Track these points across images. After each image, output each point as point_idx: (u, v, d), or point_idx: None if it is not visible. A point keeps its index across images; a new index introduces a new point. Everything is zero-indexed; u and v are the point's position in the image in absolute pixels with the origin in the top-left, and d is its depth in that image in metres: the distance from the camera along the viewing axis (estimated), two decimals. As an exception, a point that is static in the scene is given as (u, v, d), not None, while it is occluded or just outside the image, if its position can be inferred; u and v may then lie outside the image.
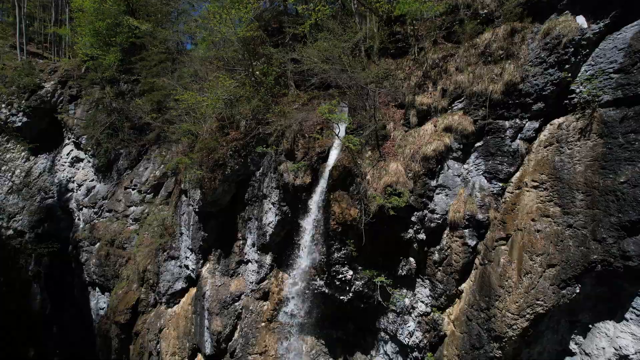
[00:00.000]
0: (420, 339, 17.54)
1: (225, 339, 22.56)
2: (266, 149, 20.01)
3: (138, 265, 29.74)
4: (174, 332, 26.55)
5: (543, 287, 13.41)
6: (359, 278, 18.83)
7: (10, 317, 36.30)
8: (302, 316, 21.05)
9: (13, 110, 36.49)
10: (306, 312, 21.00)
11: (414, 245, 17.17)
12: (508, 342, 14.13)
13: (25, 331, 36.88)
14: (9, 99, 36.23)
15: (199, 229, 24.51)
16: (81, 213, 35.41)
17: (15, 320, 36.37)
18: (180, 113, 24.78)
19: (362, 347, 20.57)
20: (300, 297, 20.65)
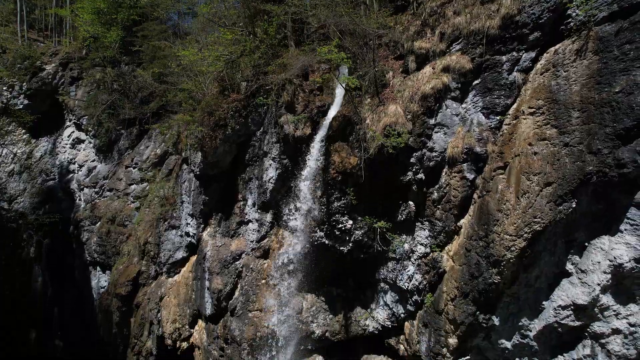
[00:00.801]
0: (420, 281, 17.73)
1: (225, 297, 22.68)
2: (266, 100, 20.16)
3: (139, 239, 29.97)
4: (175, 300, 26.70)
5: (540, 205, 13.63)
6: (359, 227, 19.03)
7: (12, 300, 36.28)
8: (302, 273, 21.04)
9: (14, 92, 36.73)
10: (306, 269, 21.13)
11: (413, 187, 17.39)
12: (506, 266, 14.32)
13: (27, 313, 36.78)
14: (10, 82, 36.30)
15: (199, 193, 24.73)
16: (82, 193, 35.62)
17: (16, 303, 36.25)
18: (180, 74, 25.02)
19: (362, 301, 20.74)
20: (300, 253, 20.83)
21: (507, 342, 15.58)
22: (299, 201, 20.22)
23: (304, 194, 19.96)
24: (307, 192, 19.80)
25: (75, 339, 36.49)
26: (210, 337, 24.04)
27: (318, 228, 19.75)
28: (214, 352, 23.81)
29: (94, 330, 34.47)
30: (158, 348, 27.93)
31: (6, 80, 36.92)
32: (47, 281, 37.87)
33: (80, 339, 36.05)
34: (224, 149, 22.86)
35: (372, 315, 19.97)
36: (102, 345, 33.78)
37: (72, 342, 36.63)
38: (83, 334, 35.82)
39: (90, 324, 34.90)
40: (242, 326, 21.94)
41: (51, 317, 37.88)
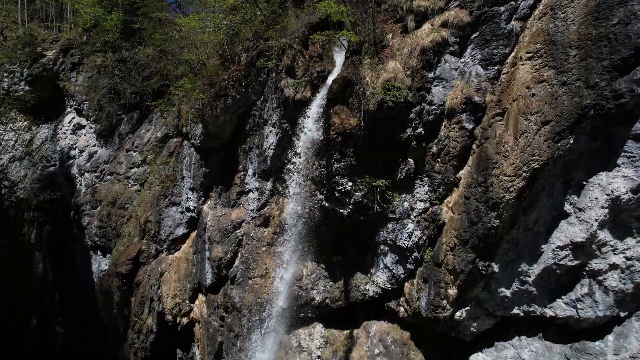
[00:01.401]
0: (419, 237, 17.84)
1: (226, 265, 22.75)
2: (267, 63, 20.31)
3: (139, 218, 30.08)
4: (175, 276, 26.79)
5: (538, 144, 13.76)
6: (359, 189, 19.14)
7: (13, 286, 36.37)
8: (303, 240, 21.16)
9: (15, 79, 36.86)
10: (306, 236, 21.34)
11: (412, 143, 17.53)
12: (505, 208, 14.43)
13: (27, 300, 37.10)
14: (10, 68, 36.48)
15: (200, 166, 24.87)
16: (83, 178, 35.76)
17: (17, 290, 36.35)
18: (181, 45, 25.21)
19: (362, 267, 20.83)
20: (300, 219, 20.90)
21: (506, 290, 15.59)
22: (299, 164, 20.21)
23: (303, 156, 19.95)
24: (307, 155, 19.81)
25: (76, 325, 36.67)
26: (211, 308, 24.06)
27: (318, 191, 19.83)
28: (214, 322, 23.85)
29: (94, 315, 34.51)
30: (158, 325, 27.95)
31: (7, 66, 36.90)
32: (48, 267, 38.02)
33: (81, 325, 36.23)
34: (224, 119, 22.98)
35: (372, 280, 19.96)
36: (102, 330, 33.59)
37: (73, 327, 36.82)
38: (84, 319, 35.97)
39: (91, 309, 34.99)
40: (243, 293, 21.97)
41: (52, 303, 37.89)
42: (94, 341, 35.12)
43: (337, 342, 21.69)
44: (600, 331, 14.35)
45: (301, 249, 21.84)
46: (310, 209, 20.69)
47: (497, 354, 16.52)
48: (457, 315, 16.49)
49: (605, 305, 13.86)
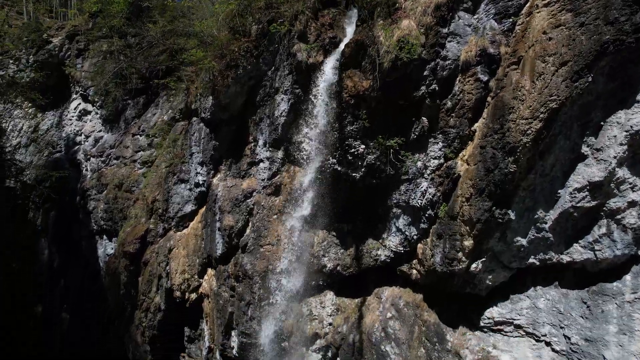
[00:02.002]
0: (434, 194, 17.93)
1: (237, 234, 22.81)
2: (280, 27, 20.49)
3: (147, 199, 30.18)
4: (184, 251, 26.84)
5: (556, 84, 13.87)
6: (371, 152, 19.23)
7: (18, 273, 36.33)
8: (314, 207, 21.29)
9: (21, 65, 36.87)
10: (318, 203, 21.41)
11: (426, 101, 17.64)
12: (522, 152, 14.52)
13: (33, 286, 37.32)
14: (16, 54, 36.53)
15: (210, 139, 25.00)
16: (89, 163, 35.87)
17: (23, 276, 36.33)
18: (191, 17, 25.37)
19: (373, 234, 20.91)
20: (312, 186, 20.97)
21: (522, 239, 15.64)
22: (311, 129, 20.32)
23: (316, 120, 20.05)
24: (320, 119, 19.92)
25: (81, 310, 36.78)
26: (221, 279, 24.15)
27: (330, 155, 19.98)
28: (224, 294, 23.89)
29: (100, 300, 34.48)
30: (166, 302, 27.98)
31: (12, 53, 36.94)
32: (54, 253, 38.17)
33: (86, 310, 36.32)
34: (235, 90, 23.16)
35: (384, 244, 20.03)
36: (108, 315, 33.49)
37: (79, 313, 36.83)
38: (89, 305, 36.15)
39: (97, 293, 34.70)
40: (254, 260, 22.06)
41: (57, 289, 37.96)
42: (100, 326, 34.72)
43: (349, 309, 21.73)
44: (618, 272, 14.40)
45: (312, 216, 21.59)
46: (322, 174, 20.54)
47: (512, 307, 16.53)
48: (473, 267, 16.49)
49: (624, 244, 13.91)
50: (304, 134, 21.03)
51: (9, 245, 35.69)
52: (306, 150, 21.38)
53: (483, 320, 17.56)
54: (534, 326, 16.16)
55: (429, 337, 18.41)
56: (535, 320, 16.04)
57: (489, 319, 17.31)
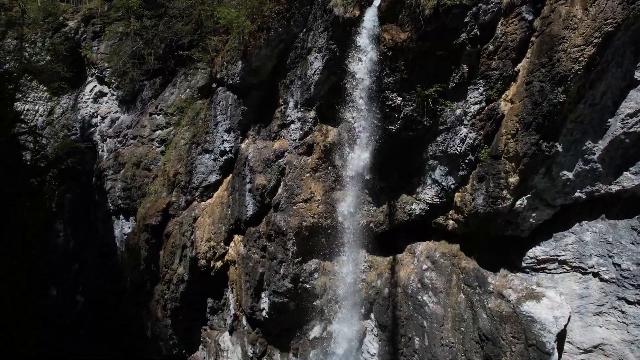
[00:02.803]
0: (474, 138, 18.15)
1: (269, 193, 22.98)
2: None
3: (168, 173, 30.25)
4: (209, 219, 26.93)
5: (611, 7, 14.16)
6: (408, 104, 19.47)
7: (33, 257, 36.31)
8: (347, 166, 21.33)
9: (37, 49, 36.88)
10: (351, 162, 21.66)
11: (467, 47, 17.89)
12: (573, 80, 14.76)
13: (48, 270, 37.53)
14: (32, 38, 36.61)
15: (238, 105, 25.20)
16: (105, 144, 35.96)
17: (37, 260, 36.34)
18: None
19: (407, 190, 21.19)
20: (345, 144, 21.10)
21: (568, 173, 15.91)
22: (348, 84, 20.53)
23: (352, 75, 20.27)
24: (357, 71, 20.13)
25: (96, 293, 36.60)
26: (250, 241, 24.27)
27: (366, 108, 19.99)
28: (254, 255, 23.97)
29: (115, 282, 34.72)
30: (190, 272, 28.09)
31: (28, 37, 37.02)
32: (69, 235, 38.34)
33: (101, 292, 36.23)
34: (266, 53, 23.41)
35: (418, 198, 20.27)
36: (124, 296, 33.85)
37: (93, 295, 36.82)
38: (104, 287, 36.06)
39: (112, 276, 34.59)
40: (288, 217, 22.19)
41: (72, 272, 38.02)
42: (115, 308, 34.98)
43: (381, 266, 21.96)
44: None
45: (346, 175, 21.65)
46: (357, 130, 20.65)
47: (556, 244, 16.77)
48: (518, 204, 16.72)
49: None
50: (339, 103, 20.99)
51: (24, 227, 35.50)
52: (341, 112, 21.55)
53: (525, 261, 17.71)
54: (580, 260, 16.30)
55: (469, 282, 18.54)
56: (582, 253, 16.20)
57: (532, 258, 17.46)
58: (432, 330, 19.14)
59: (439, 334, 19.01)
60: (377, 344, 21.41)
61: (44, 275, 37.29)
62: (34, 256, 37.06)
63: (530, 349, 16.14)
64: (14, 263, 30.67)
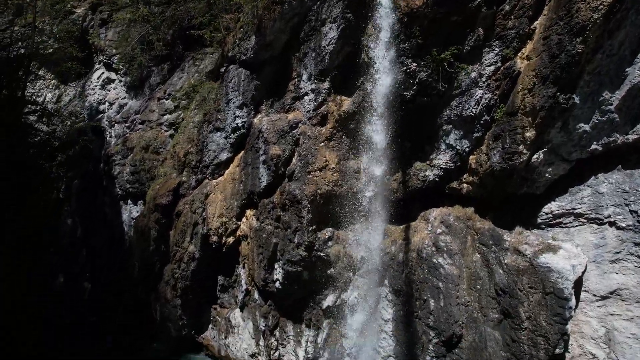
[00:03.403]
0: (490, 98, 18.56)
1: (284, 163, 23.36)
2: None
3: (178, 153, 30.59)
4: (221, 195, 27.31)
5: (636, -53, 14.43)
6: (423, 70, 19.94)
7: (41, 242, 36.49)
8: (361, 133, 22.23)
9: (44, 37, 37.20)
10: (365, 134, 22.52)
11: (482, 9, 18.33)
12: (592, 29, 15.16)
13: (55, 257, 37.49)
14: (40, 25, 37.02)
15: (251, 80, 25.62)
16: (113, 130, 36.35)
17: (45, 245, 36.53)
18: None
19: (420, 157, 21.61)
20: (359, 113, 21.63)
21: (585, 125, 16.29)
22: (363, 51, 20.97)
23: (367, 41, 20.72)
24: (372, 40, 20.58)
25: (103, 280, 37.13)
26: (264, 213, 24.64)
27: (382, 75, 20.40)
28: (267, 227, 24.30)
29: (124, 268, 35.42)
30: (201, 249, 28.51)
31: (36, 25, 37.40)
32: (77, 221, 38.63)
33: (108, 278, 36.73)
34: (280, 27, 23.88)
35: (432, 164, 20.68)
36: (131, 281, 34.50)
37: (100, 282, 37.33)
38: (112, 273, 36.49)
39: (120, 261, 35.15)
40: (302, 186, 22.58)
41: (79, 259, 38.68)
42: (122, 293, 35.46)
43: (395, 233, 22.30)
44: None
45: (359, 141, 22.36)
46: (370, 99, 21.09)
47: (571, 198, 17.15)
48: (534, 158, 17.10)
49: None
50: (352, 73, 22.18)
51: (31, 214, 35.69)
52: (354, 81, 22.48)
53: (541, 217, 18.12)
54: (596, 211, 16.72)
55: (484, 241, 18.92)
56: (598, 205, 16.61)
57: (547, 214, 17.87)
58: (447, 291, 19.42)
59: (454, 294, 19.24)
60: (391, 310, 21.61)
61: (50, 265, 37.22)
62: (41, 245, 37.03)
63: (547, 297, 16.45)
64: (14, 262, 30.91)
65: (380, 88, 21.40)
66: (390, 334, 21.92)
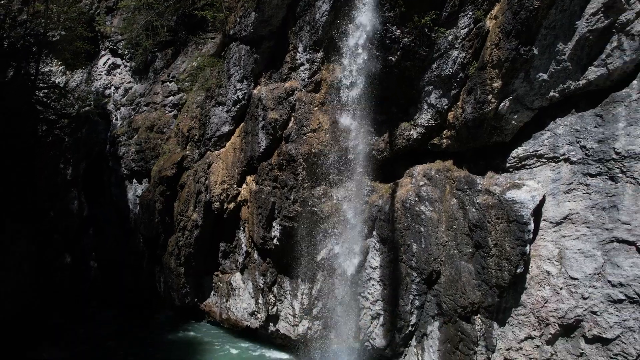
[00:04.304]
0: (464, 57, 21.69)
1: (281, 126, 26.37)
2: None
3: (182, 130, 33.82)
4: (223, 165, 30.50)
5: None
6: (406, 36, 22.93)
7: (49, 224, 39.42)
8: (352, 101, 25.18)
9: (52, 24, 40.31)
10: (355, 98, 25.06)
11: (458, -22, 21.46)
12: (546, -15, 18.34)
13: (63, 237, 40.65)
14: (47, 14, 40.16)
15: (251, 54, 28.79)
16: (119, 112, 39.41)
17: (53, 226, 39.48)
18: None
19: (406, 119, 24.55)
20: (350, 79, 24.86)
21: (544, 74, 19.38)
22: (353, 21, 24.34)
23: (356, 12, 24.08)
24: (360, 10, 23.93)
25: (109, 257, 40.55)
26: (263, 175, 27.74)
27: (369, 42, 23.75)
28: (266, 188, 27.49)
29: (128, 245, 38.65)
30: (204, 216, 31.63)
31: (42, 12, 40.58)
32: (83, 202, 41.74)
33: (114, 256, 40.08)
34: (277, 3, 27.07)
35: (416, 124, 23.49)
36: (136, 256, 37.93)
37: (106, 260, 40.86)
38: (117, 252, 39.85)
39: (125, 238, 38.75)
40: (298, 146, 25.71)
41: (86, 238, 41.90)
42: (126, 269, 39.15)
43: (382, 189, 25.38)
44: (627, 80, 18.24)
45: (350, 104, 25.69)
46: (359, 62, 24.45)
47: (534, 142, 20.29)
48: (501, 106, 20.25)
49: (632, 50, 17.64)
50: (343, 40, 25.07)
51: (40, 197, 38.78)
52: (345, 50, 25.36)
53: (509, 162, 21.24)
54: (554, 151, 19.84)
55: (460, 187, 22.08)
56: (555, 145, 19.78)
57: (514, 158, 21.01)
58: (428, 234, 22.53)
59: (434, 235, 22.37)
60: (379, 257, 24.62)
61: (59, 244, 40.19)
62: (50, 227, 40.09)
63: (511, 225, 19.65)
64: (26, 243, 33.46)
65: (369, 55, 24.28)
66: (377, 280, 24.92)
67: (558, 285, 19.07)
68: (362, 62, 25.05)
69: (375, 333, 25.19)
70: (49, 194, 40.33)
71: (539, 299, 19.54)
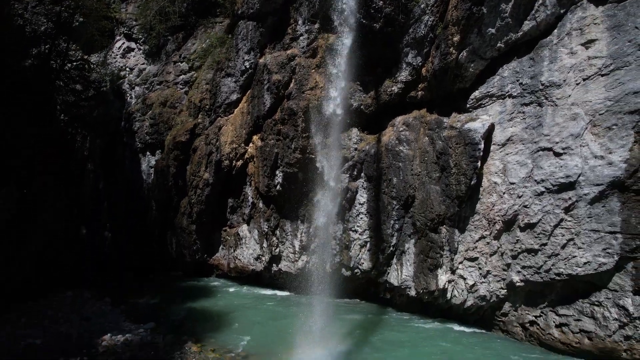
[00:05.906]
0: (433, 20, 27.71)
1: (283, 86, 32.97)
2: None
3: (194, 101, 41.20)
4: (232, 127, 37.52)
5: None
6: (388, 6, 30.24)
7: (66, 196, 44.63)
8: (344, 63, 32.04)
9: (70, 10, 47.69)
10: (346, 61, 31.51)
11: (427, -45, 29.58)
12: (488, -41, 26.78)
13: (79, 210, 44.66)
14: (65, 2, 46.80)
15: (257, 28, 35.91)
16: (133, 91, 45.94)
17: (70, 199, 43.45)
18: None
19: (388, 77, 32.11)
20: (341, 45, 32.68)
21: (492, 29, 26.52)
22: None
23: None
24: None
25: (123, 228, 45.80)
26: (267, 131, 34.49)
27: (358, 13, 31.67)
28: (270, 141, 34.55)
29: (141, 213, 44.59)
30: (215, 175, 37.47)
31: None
32: (99, 175, 47.37)
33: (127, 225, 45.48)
34: (281, -23, 34.63)
35: (396, 80, 29.87)
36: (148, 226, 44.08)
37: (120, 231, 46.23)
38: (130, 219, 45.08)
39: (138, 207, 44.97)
40: (298, 102, 33.12)
41: (101, 210, 47.19)
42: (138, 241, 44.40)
43: (370, 139, 32.45)
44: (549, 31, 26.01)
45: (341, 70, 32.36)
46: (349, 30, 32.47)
47: (487, 85, 27.11)
48: (460, 56, 27.75)
49: (552, 5, 22.43)
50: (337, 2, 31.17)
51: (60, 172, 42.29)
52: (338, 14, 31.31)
53: (469, 103, 28.52)
54: (501, 90, 27.22)
55: (431, 127, 29.61)
56: (502, 85, 27.29)
57: (472, 99, 28.48)
58: (405, 167, 29.72)
59: (409, 168, 29.59)
60: (366, 194, 31.82)
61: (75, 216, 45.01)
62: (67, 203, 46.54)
63: (467, 147, 27.06)
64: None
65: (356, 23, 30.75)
66: (365, 213, 32.22)
67: (502, 191, 26.30)
68: (352, 30, 31.44)
69: (362, 258, 29.25)
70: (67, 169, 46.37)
71: (489, 204, 26.85)
